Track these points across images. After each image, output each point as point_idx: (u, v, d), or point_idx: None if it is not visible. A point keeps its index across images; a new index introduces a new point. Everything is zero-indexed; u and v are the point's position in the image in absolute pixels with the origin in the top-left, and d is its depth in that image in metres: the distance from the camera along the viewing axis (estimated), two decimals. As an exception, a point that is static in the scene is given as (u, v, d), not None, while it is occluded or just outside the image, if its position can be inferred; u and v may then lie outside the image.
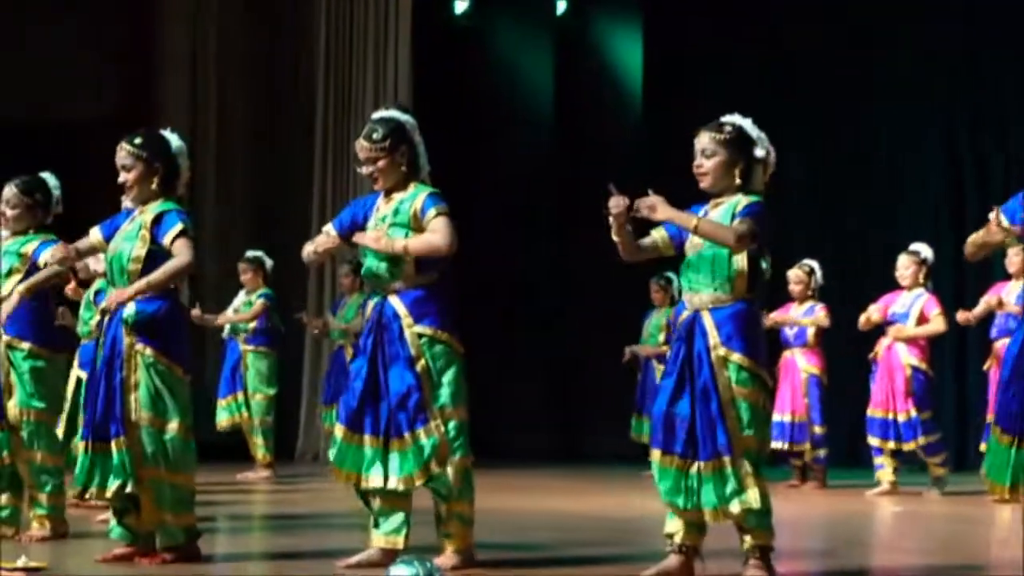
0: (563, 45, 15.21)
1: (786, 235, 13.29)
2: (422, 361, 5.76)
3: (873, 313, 10.29)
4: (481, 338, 14.24)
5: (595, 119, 14.79)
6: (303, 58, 14.15)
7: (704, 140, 5.57)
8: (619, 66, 15.15)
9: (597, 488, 11.00)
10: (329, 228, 6.06)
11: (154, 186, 6.10)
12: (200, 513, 6.25)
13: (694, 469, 5.41)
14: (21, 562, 5.77)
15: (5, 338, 6.78)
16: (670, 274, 11.51)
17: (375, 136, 5.90)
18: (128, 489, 5.91)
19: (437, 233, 5.76)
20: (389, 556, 5.70)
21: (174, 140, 6.22)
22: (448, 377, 5.78)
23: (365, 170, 5.94)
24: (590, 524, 8.24)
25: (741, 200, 5.52)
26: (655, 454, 5.50)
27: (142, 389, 5.94)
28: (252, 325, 11.25)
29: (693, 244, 5.56)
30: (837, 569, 6.43)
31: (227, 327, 11.39)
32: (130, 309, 5.97)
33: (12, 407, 6.73)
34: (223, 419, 11.28)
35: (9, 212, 6.86)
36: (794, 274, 10.91)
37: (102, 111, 13.46)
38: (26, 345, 6.76)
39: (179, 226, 6.00)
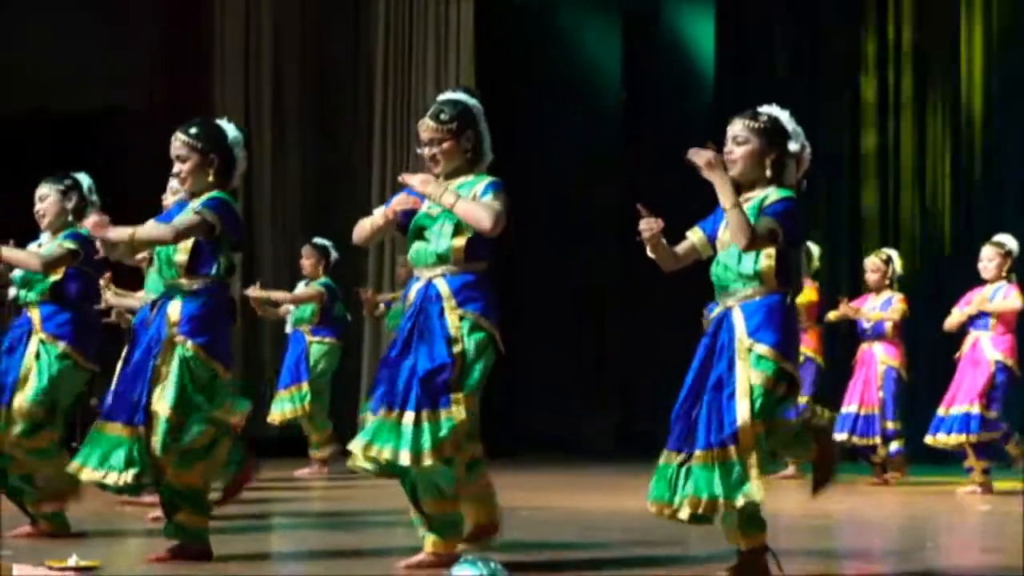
0: (632, 25, 14.99)
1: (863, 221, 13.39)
2: (460, 344, 5.58)
3: (955, 316, 9.99)
4: (545, 332, 14.37)
5: (664, 102, 14.56)
6: (361, 46, 14.02)
7: (737, 127, 5.40)
8: (690, 47, 14.94)
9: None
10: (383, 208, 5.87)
11: (210, 177, 5.97)
12: (255, 511, 6.10)
13: (680, 461, 5.21)
14: (72, 561, 5.68)
15: (42, 334, 6.71)
16: None
17: (442, 116, 5.72)
18: (130, 480, 5.77)
19: (486, 208, 5.56)
20: (443, 558, 5.57)
21: (231, 130, 6.08)
22: (479, 367, 5.60)
23: (427, 151, 5.75)
24: (657, 523, 8.01)
25: (771, 195, 5.34)
26: (664, 453, 5.30)
27: (171, 381, 5.80)
28: (316, 316, 11.08)
29: (722, 241, 5.41)
30: (906, 571, 6.17)
31: (290, 319, 11.25)
32: (176, 303, 5.86)
33: (20, 398, 6.65)
34: (277, 413, 11.12)
35: (45, 208, 6.81)
36: (870, 262, 10.66)
37: (156, 102, 13.43)
38: (62, 345, 6.70)
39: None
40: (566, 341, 14.58)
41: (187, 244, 5.87)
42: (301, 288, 11.25)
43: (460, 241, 5.64)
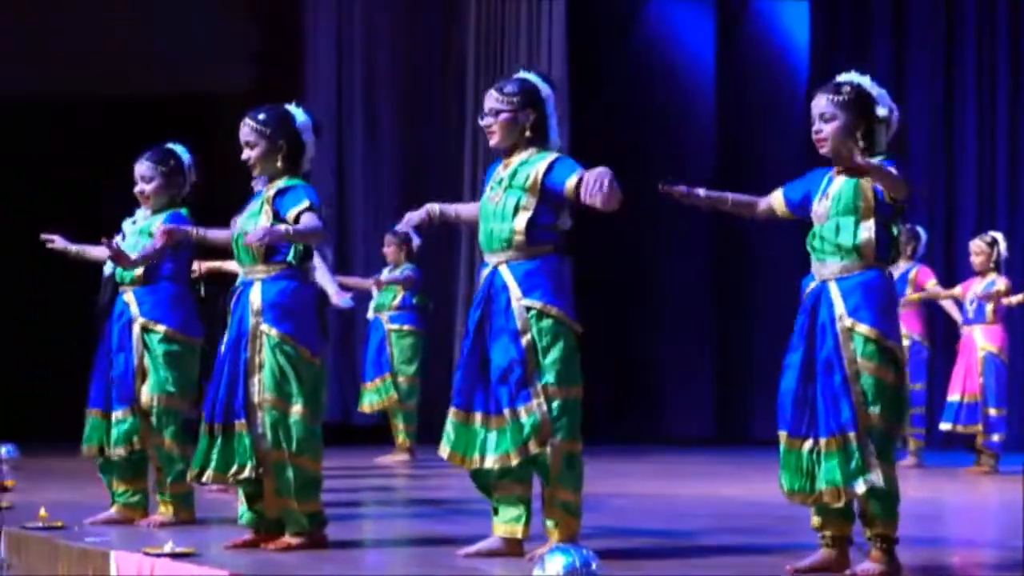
0: (725, 14, 14.87)
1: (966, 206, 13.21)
2: (528, 335, 5.50)
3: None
4: (642, 318, 14.34)
5: (758, 94, 14.46)
6: (453, 32, 13.99)
7: (822, 103, 5.27)
8: (784, 38, 14.78)
9: (759, 474, 10.72)
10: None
11: (279, 163, 5.96)
12: (341, 499, 6.11)
13: (808, 447, 5.13)
14: (168, 547, 5.71)
15: (141, 320, 6.70)
16: None
17: (505, 89, 5.69)
18: (247, 474, 5.81)
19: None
20: (511, 545, 5.54)
21: (299, 115, 6.05)
22: (554, 355, 5.50)
23: (485, 120, 5.72)
24: (749, 511, 7.99)
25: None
26: (783, 436, 5.20)
27: (266, 371, 5.81)
28: (396, 303, 11.07)
29: (818, 213, 5.28)
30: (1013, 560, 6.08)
31: (371, 307, 11.22)
32: (256, 290, 5.86)
33: (145, 392, 6.66)
34: (366, 404, 11.14)
35: (148, 188, 6.75)
36: (975, 245, 10.44)
37: (247, 85, 13.51)
38: (161, 328, 6.67)
39: (305, 202, 5.84)
40: (667, 322, 14.50)
41: None
42: (384, 274, 11.17)
43: (520, 225, 5.56)
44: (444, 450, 5.60)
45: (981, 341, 10.37)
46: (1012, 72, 13.20)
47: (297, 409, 5.81)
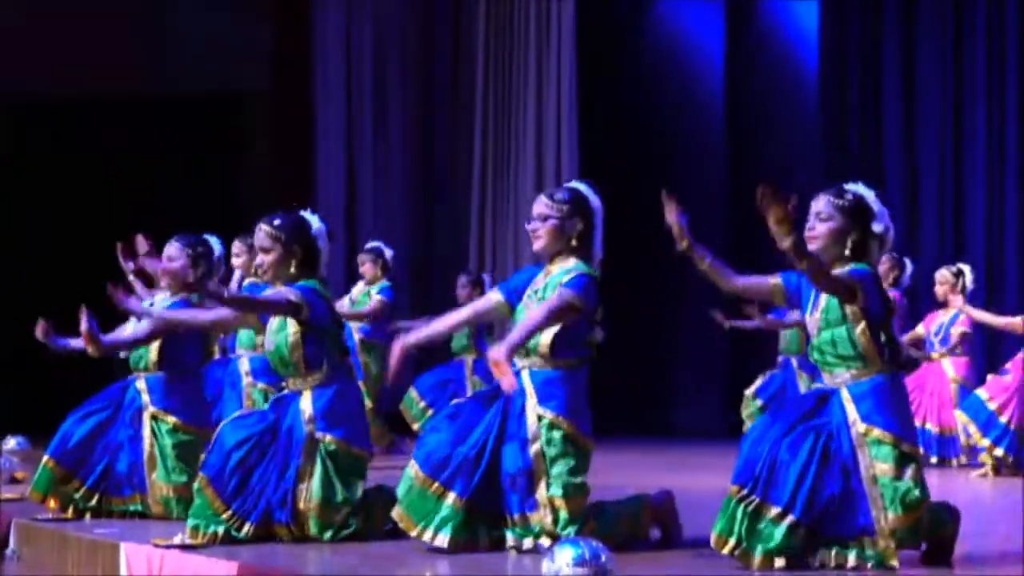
0: (733, 10, 14.81)
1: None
2: (537, 444, 5.58)
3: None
4: (655, 310, 14.31)
5: (768, 91, 14.39)
6: (463, 32, 13.99)
7: (821, 203, 5.35)
8: (794, 35, 14.72)
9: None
10: (495, 293, 5.88)
11: (292, 269, 6.02)
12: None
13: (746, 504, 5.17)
14: (177, 540, 5.76)
15: (151, 409, 6.75)
16: None
17: (555, 196, 5.74)
18: None
19: (540, 308, 5.55)
20: None
21: (314, 222, 6.11)
22: (561, 467, 5.57)
23: (532, 225, 5.74)
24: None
25: (847, 269, 5.27)
26: (733, 489, 5.23)
27: (316, 479, 5.88)
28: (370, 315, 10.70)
29: (811, 324, 5.35)
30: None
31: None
32: (307, 398, 5.92)
33: (155, 482, 6.69)
34: None
35: (172, 267, 6.83)
36: (940, 275, 10.24)
37: (260, 85, 13.50)
38: (172, 420, 6.74)
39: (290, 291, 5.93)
40: (672, 326, 14.49)
41: (298, 342, 5.91)
42: (359, 287, 10.89)
43: (546, 336, 5.60)
44: (396, 511, 5.65)
45: (951, 372, 10.25)
46: (1020, 64, 13.15)
47: (339, 516, 5.89)
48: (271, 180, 12.07)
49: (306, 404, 5.94)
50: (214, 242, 6.96)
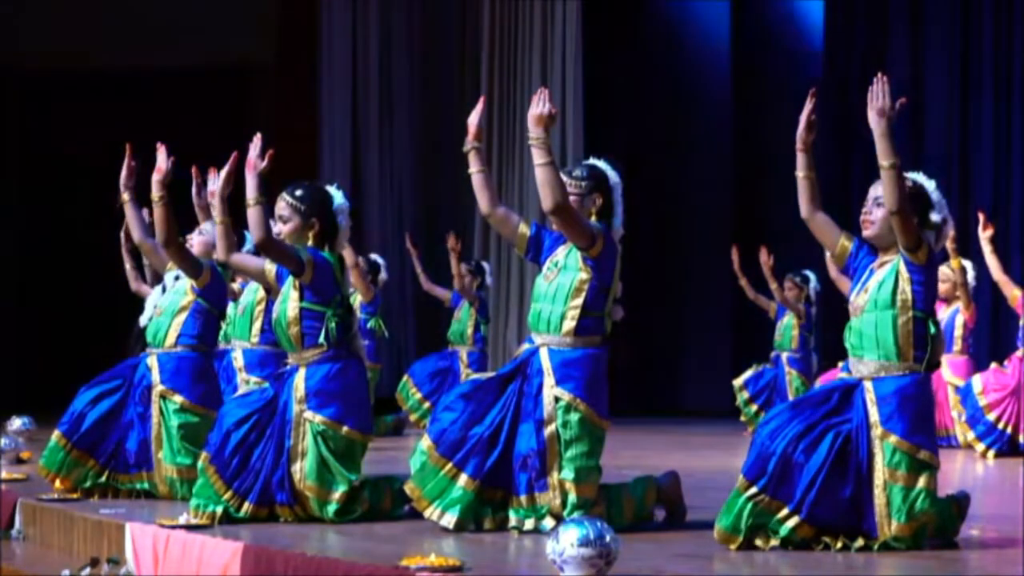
0: (740, 6, 14.83)
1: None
2: (552, 426, 5.58)
3: None
4: (662, 290, 14.30)
5: (774, 85, 14.36)
6: (468, 24, 13.94)
7: (880, 189, 5.23)
8: (800, 28, 14.72)
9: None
10: (525, 227, 5.84)
11: (309, 241, 5.98)
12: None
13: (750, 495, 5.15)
14: (183, 519, 5.80)
15: (160, 387, 6.75)
16: (808, 272, 11.31)
17: (575, 173, 5.76)
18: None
19: (555, 190, 5.54)
20: None
21: (337, 197, 6.07)
22: (575, 450, 5.58)
23: None
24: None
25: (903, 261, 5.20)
26: (742, 482, 5.18)
27: (309, 459, 5.87)
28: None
29: (855, 305, 5.29)
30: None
31: None
32: (300, 375, 5.91)
33: (161, 462, 6.71)
34: None
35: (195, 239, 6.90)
36: (942, 272, 9.90)
37: (264, 57, 13.48)
38: (179, 399, 6.73)
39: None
40: (680, 303, 14.49)
41: (296, 317, 5.88)
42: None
43: (571, 316, 5.60)
44: (408, 485, 5.67)
45: (948, 375, 10.15)
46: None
47: (337, 496, 5.88)
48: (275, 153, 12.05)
49: (299, 381, 5.92)
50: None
